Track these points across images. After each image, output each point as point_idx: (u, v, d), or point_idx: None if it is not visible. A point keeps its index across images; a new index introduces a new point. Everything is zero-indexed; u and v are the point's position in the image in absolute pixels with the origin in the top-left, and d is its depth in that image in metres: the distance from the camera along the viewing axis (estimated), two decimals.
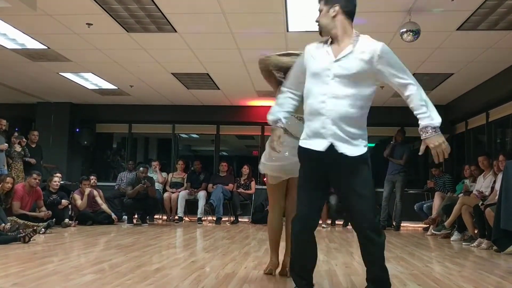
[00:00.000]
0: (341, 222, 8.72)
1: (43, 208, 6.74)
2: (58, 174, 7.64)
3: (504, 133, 8.16)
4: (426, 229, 7.63)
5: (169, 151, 10.70)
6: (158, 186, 8.88)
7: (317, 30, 2.58)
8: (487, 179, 6.37)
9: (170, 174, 9.31)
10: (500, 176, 5.66)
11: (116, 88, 8.64)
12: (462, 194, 6.99)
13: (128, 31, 5.65)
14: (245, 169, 9.14)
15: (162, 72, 7.40)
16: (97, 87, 8.65)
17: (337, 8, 2.47)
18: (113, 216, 7.87)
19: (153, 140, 12.38)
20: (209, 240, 6.10)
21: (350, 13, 2.50)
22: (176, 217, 8.71)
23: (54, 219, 6.35)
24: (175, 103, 9.90)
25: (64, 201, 7.23)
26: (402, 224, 8.35)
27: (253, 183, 8.97)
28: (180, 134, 11.20)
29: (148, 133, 11.41)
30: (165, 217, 9.08)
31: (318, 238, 3.02)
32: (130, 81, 8.13)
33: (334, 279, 3.43)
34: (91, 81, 8.25)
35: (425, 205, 7.94)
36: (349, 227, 8.57)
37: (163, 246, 5.28)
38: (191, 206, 9.01)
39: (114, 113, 10.23)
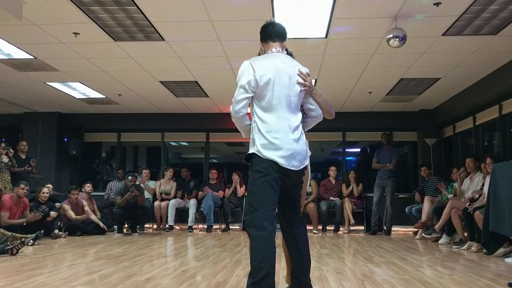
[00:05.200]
0: (332, 228, 8.71)
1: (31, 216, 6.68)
2: (49, 185, 7.57)
3: (491, 136, 8.25)
4: (416, 233, 7.67)
5: (158, 159, 10.65)
6: (147, 195, 8.82)
7: (305, 37, 2.67)
8: (474, 181, 6.45)
9: (158, 182, 9.24)
10: (488, 179, 5.74)
11: (104, 97, 8.59)
12: (452, 196, 7.06)
13: (115, 40, 5.63)
14: (234, 176, 9.11)
15: (150, 80, 7.38)
16: (85, 96, 8.60)
17: None
18: (101, 224, 7.79)
19: (142, 148, 12.30)
20: (200, 248, 6.06)
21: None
22: (167, 226, 8.66)
23: (42, 230, 6.27)
24: (164, 111, 9.87)
25: (53, 213, 7.15)
26: (392, 229, 8.38)
27: (242, 189, 8.93)
28: (170, 142, 11.17)
29: (137, 142, 11.34)
30: (155, 226, 9.02)
31: (309, 244, 3.03)
32: (118, 90, 8.10)
33: (325, 285, 3.43)
34: (78, 90, 8.19)
35: (413, 208, 7.99)
36: (340, 232, 8.59)
37: (154, 256, 5.23)
38: (181, 215, 8.95)
39: (102, 122, 10.18)
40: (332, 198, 8.81)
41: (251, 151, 2.67)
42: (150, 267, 4.28)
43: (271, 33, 2.84)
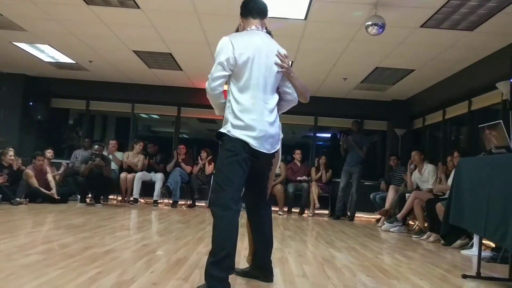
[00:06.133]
0: (297, 210, 8.79)
1: None
2: (11, 149, 7.31)
3: (458, 130, 8.43)
4: (378, 220, 7.82)
5: (127, 130, 10.44)
6: (114, 166, 8.66)
7: (284, 17, 2.62)
8: (424, 174, 6.78)
9: (126, 154, 9.07)
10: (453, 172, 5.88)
11: (74, 62, 8.31)
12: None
13: (88, 4, 5.39)
14: (203, 153, 9.03)
15: (123, 49, 7.16)
16: (53, 60, 8.29)
17: None
18: (49, 193, 7.37)
19: (112, 118, 12.03)
20: (164, 223, 6.01)
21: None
22: (131, 199, 8.54)
23: (0, 195, 6.07)
24: (136, 81, 9.64)
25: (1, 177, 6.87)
26: (356, 215, 8.52)
27: (211, 167, 8.86)
28: (140, 114, 10.96)
29: (107, 111, 11.07)
30: (120, 198, 8.89)
31: (274, 225, 3.03)
32: (89, 56, 7.83)
33: (285, 267, 3.44)
34: (47, 54, 7.88)
35: (378, 196, 8.14)
36: (305, 215, 8.68)
37: (116, 228, 5.14)
38: (147, 188, 8.83)
39: (71, 88, 9.86)
40: (299, 178, 8.88)
41: (223, 130, 2.61)
42: (110, 239, 4.20)
43: (252, 9, 2.75)
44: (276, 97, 2.74)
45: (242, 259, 3.45)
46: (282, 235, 5.34)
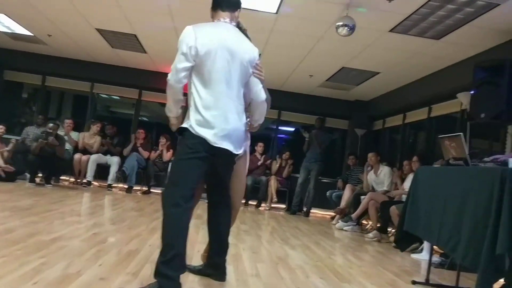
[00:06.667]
0: (255, 203, 8.78)
1: None
2: None
3: (417, 135, 8.64)
4: (333, 218, 7.91)
5: (85, 109, 10.06)
6: (68, 146, 8.33)
7: (255, 9, 2.53)
8: (380, 175, 6.94)
9: (82, 134, 8.74)
10: (410, 177, 6.02)
11: (32, 35, 7.89)
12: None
13: None
14: (162, 139, 8.83)
15: (85, 26, 6.85)
16: (9, 31, 7.83)
17: None
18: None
19: (69, 96, 11.56)
20: (117, 210, 5.84)
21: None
22: (85, 181, 8.25)
23: None
24: (97, 60, 9.29)
25: None
26: (312, 211, 8.60)
27: (169, 153, 8.69)
28: (100, 94, 10.59)
29: (64, 88, 10.61)
30: (72, 179, 8.58)
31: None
32: (48, 30, 7.45)
33: (239, 265, 3.40)
34: (2, 23, 7.43)
35: (334, 194, 8.24)
36: (262, 208, 8.68)
37: (66, 213, 4.93)
38: (102, 171, 8.55)
39: (26, 62, 9.37)
40: (260, 176, 8.89)
41: (184, 125, 2.50)
42: (59, 226, 4.03)
43: (222, 1, 2.63)
44: (241, 95, 2.60)
45: (196, 254, 3.38)
46: (237, 229, 5.30)
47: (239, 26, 2.75)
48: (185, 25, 2.54)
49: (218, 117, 2.46)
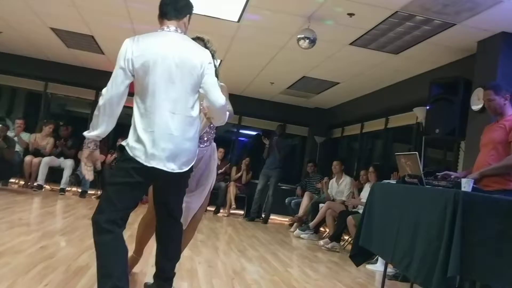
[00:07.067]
0: (213, 209, 8.69)
1: None
2: None
3: (374, 144, 8.80)
4: (291, 225, 7.95)
5: (38, 109, 9.64)
6: (18, 148, 7.96)
7: (217, 17, 2.45)
8: (341, 185, 7.04)
9: (34, 136, 8.36)
10: (367, 186, 6.11)
11: None
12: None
13: None
14: (120, 142, 8.58)
15: (39, 24, 6.56)
16: None
17: None
18: None
19: (21, 94, 11.07)
20: (69, 217, 5.61)
21: None
22: (35, 184, 7.90)
23: None
24: (52, 59, 8.95)
25: None
26: (270, 217, 8.60)
27: None
28: (55, 94, 10.19)
29: (15, 87, 10.13)
30: (22, 183, 8.20)
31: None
32: None
33: (194, 281, 3.32)
34: None
35: (293, 201, 8.28)
36: (220, 214, 8.60)
37: (13, 222, 4.68)
38: (54, 174, 8.22)
39: None
40: (219, 182, 8.80)
41: (124, 142, 2.35)
42: (4, 238, 3.80)
43: (167, 9, 2.39)
44: (189, 110, 2.36)
45: (150, 269, 3.27)
46: (194, 239, 5.11)
47: (200, 38, 2.67)
48: (144, 27, 2.47)
49: (155, 133, 2.28)
